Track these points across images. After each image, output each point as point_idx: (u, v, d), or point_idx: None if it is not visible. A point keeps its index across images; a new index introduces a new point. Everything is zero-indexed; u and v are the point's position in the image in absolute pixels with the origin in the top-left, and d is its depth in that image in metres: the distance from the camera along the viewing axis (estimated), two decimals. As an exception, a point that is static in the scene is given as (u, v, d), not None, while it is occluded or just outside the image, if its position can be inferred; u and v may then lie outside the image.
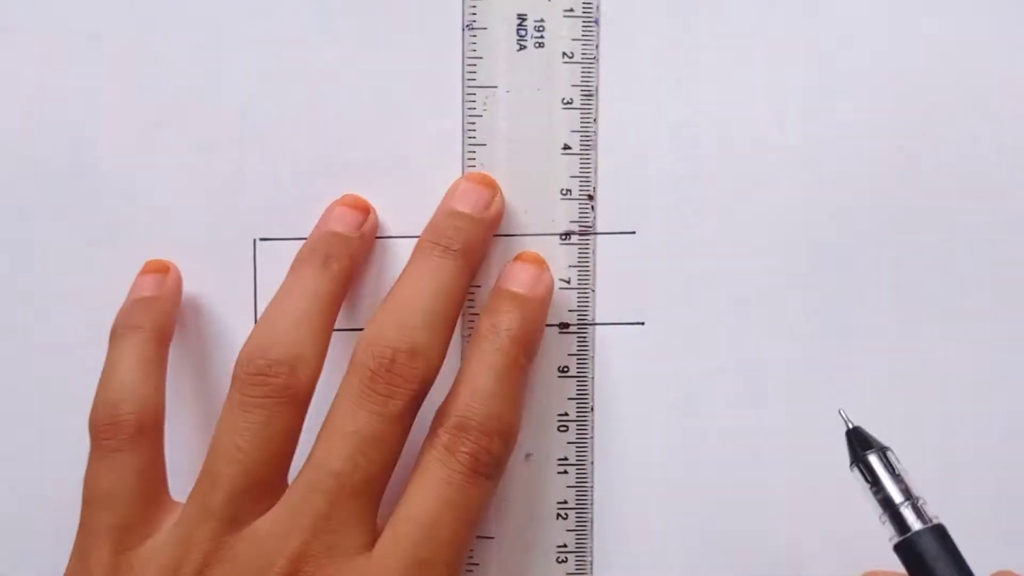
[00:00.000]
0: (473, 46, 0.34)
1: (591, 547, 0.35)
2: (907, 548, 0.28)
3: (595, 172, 0.35)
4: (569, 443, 0.35)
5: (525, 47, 0.34)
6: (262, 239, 0.35)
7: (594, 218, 0.35)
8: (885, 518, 0.29)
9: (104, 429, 0.31)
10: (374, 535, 0.30)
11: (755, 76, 0.34)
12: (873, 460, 0.29)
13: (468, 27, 0.34)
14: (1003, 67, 0.34)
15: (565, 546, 0.35)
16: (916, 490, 0.29)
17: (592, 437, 0.35)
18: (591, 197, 0.35)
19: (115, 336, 0.33)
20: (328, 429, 0.31)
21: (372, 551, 0.30)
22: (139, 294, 0.34)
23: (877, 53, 0.34)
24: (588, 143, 0.35)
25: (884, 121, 0.34)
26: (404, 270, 0.33)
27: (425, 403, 0.32)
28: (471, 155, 0.35)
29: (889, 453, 0.30)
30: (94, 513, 0.31)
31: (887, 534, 0.29)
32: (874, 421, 0.34)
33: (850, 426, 0.30)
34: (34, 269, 0.35)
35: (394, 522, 0.30)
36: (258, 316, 0.35)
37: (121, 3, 0.34)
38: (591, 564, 0.35)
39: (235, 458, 0.30)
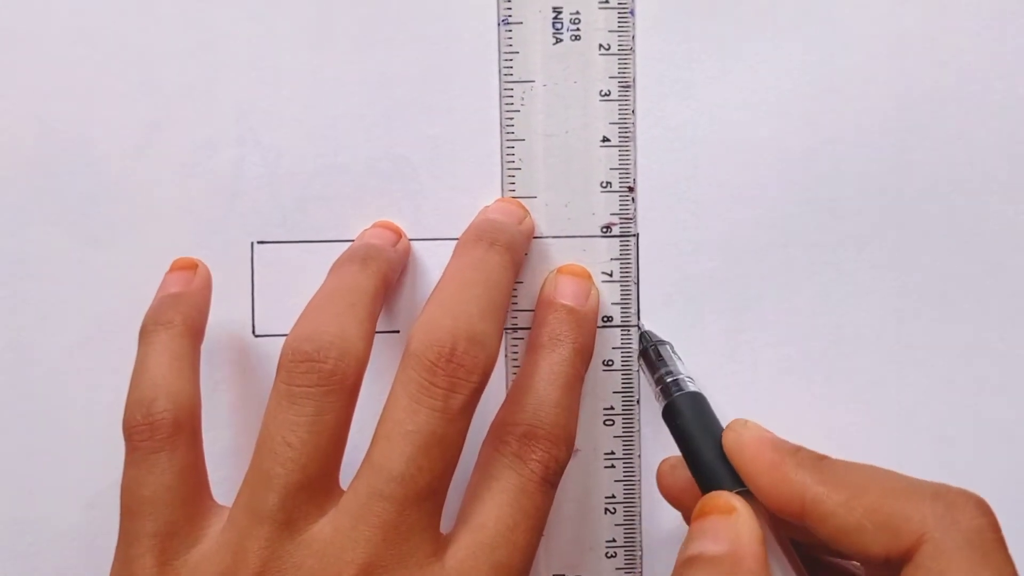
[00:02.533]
0: (509, 41, 0.34)
1: (640, 542, 0.35)
2: (669, 410, 0.31)
3: (634, 164, 0.35)
4: (615, 437, 0.35)
5: (561, 40, 0.34)
6: (260, 242, 0.35)
7: (635, 210, 0.35)
8: (658, 392, 0.32)
9: (140, 430, 0.30)
10: (441, 540, 0.29)
11: (755, 76, 0.34)
12: (651, 350, 0.33)
13: (504, 22, 0.34)
14: (1002, 68, 0.35)
15: (614, 541, 0.35)
16: (683, 371, 0.32)
17: (638, 431, 0.35)
18: (631, 189, 0.35)
19: (145, 333, 0.32)
20: (385, 428, 0.29)
21: (445, 559, 0.29)
22: (168, 290, 0.33)
23: (876, 55, 0.34)
24: (627, 135, 0.34)
25: (883, 124, 0.35)
26: (450, 264, 0.32)
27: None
28: (510, 149, 0.34)
29: (667, 347, 0.33)
30: (135, 520, 0.29)
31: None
32: (872, 423, 0.35)
33: (642, 328, 0.34)
34: (32, 270, 0.35)
35: (470, 529, 0.29)
36: (256, 319, 0.35)
37: (119, 3, 0.34)
38: (640, 558, 0.35)
39: (286, 456, 0.28)
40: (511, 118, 0.34)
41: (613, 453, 0.35)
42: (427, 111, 0.34)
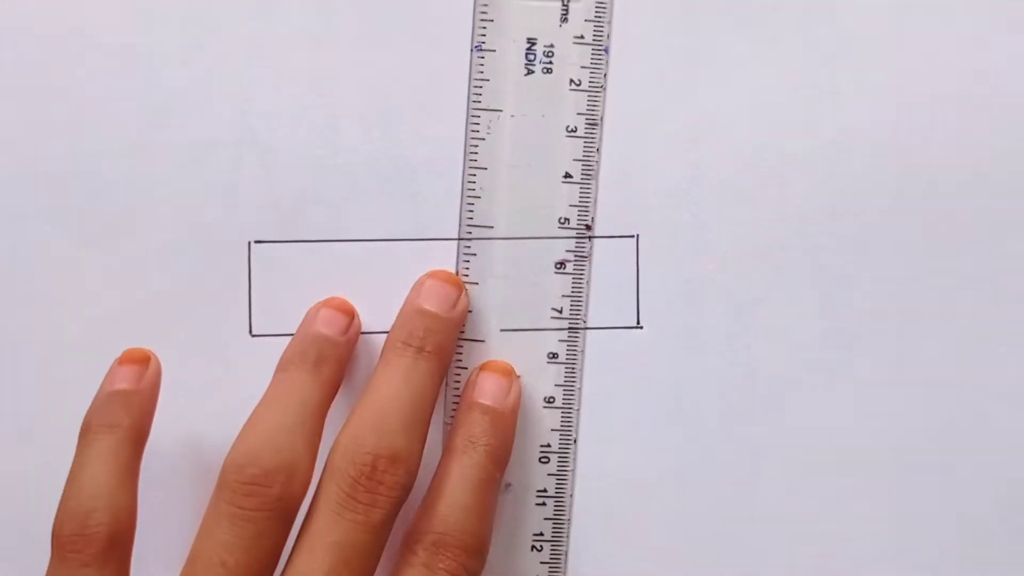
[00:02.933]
0: (481, 68, 0.34)
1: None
2: None
3: (595, 203, 0.34)
4: (549, 475, 0.35)
5: (533, 72, 0.34)
6: (257, 241, 0.34)
7: (591, 248, 0.34)
8: None
9: (71, 541, 0.29)
10: None
11: (756, 79, 0.34)
12: None
13: (477, 48, 0.34)
14: (1003, 70, 0.34)
15: (538, 577, 0.35)
16: None
17: (574, 470, 0.35)
18: (588, 227, 0.34)
19: (87, 433, 0.31)
20: (308, 538, 0.30)
21: None
22: (116, 386, 0.32)
23: (877, 57, 0.34)
24: (589, 172, 0.34)
25: (883, 125, 0.34)
26: (376, 370, 0.32)
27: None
28: (471, 177, 0.34)
29: None
30: None
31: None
32: (872, 426, 0.34)
33: None
34: (28, 270, 0.34)
35: None
36: (253, 319, 0.34)
37: (117, 2, 0.34)
38: (564, 596, 0.35)
39: (219, 575, 0.29)
40: (475, 146, 0.34)
41: (545, 491, 0.35)
42: (426, 113, 0.34)
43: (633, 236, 0.34)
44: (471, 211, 0.34)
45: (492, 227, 0.34)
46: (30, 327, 0.35)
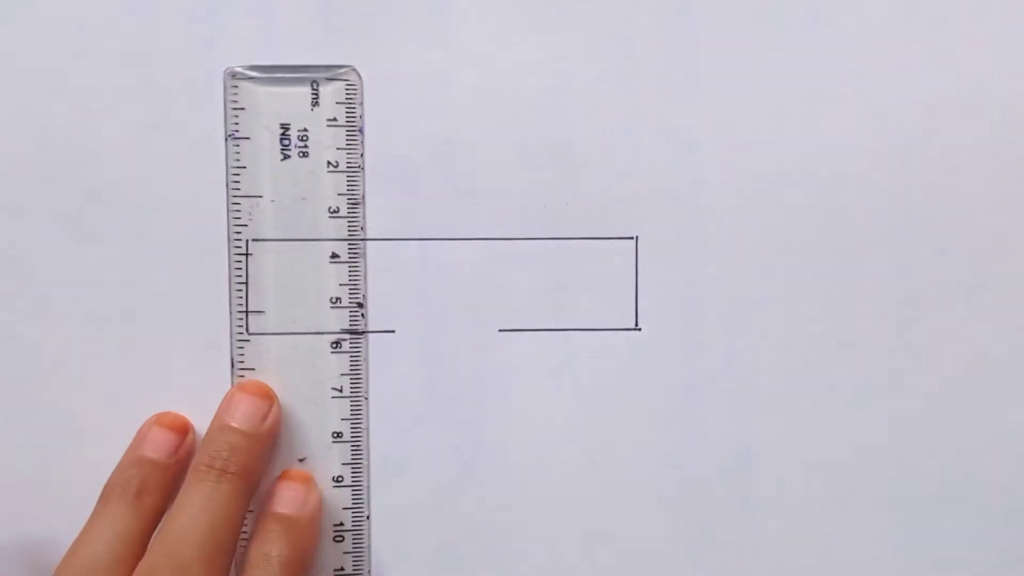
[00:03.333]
0: (237, 155, 0.34)
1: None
2: None
3: (364, 280, 0.34)
4: (345, 553, 0.35)
5: (289, 156, 0.34)
6: (254, 240, 0.34)
7: (365, 324, 0.35)
8: None
9: None
10: None
11: (757, 82, 0.34)
12: None
13: (231, 137, 0.34)
14: (1003, 73, 0.34)
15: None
16: None
17: (368, 546, 0.35)
18: (361, 305, 0.34)
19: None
20: None
21: None
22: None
23: (877, 60, 0.34)
24: (356, 251, 0.34)
25: (884, 128, 0.34)
26: (180, 494, 0.32)
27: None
28: (238, 263, 0.34)
29: None
30: None
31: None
32: (871, 428, 0.35)
33: None
34: (28, 267, 0.34)
35: None
36: (249, 319, 0.34)
37: (115, 1, 0.34)
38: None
39: None
40: (239, 232, 0.34)
41: (343, 569, 0.35)
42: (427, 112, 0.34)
43: (632, 238, 0.35)
44: (240, 297, 0.34)
45: (263, 312, 0.34)
46: (27, 324, 0.34)
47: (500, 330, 0.35)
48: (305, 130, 0.34)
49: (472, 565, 0.35)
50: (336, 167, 0.34)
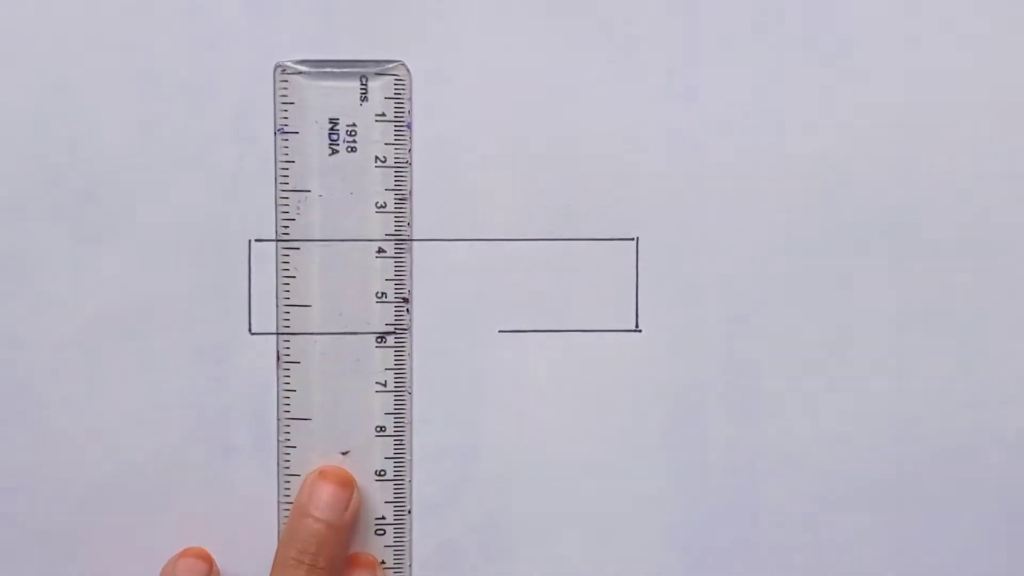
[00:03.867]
0: (286, 150, 0.34)
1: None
2: None
3: (410, 275, 0.34)
4: (387, 547, 0.35)
5: (338, 151, 0.34)
6: (257, 240, 0.34)
7: (411, 320, 0.35)
8: None
9: None
10: None
11: (756, 81, 0.34)
12: None
13: (280, 131, 0.34)
14: (1004, 72, 0.34)
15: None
16: None
17: (410, 540, 0.35)
18: (406, 300, 0.34)
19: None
20: None
21: None
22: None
23: (878, 59, 0.34)
24: (402, 247, 0.34)
25: (885, 127, 0.34)
26: None
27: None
28: (285, 258, 0.34)
29: None
30: None
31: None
32: (873, 430, 0.34)
33: None
34: (26, 266, 0.34)
35: None
36: (252, 317, 0.34)
37: None
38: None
39: None
40: (287, 226, 0.34)
41: (384, 563, 0.35)
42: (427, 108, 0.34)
43: (633, 239, 0.34)
44: (287, 290, 0.34)
45: (310, 305, 0.34)
46: (25, 324, 0.34)
47: (500, 331, 0.34)
48: (354, 125, 0.34)
49: (472, 568, 0.35)
50: (384, 162, 0.34)
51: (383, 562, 0.35)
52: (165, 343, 0.34)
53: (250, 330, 0.34)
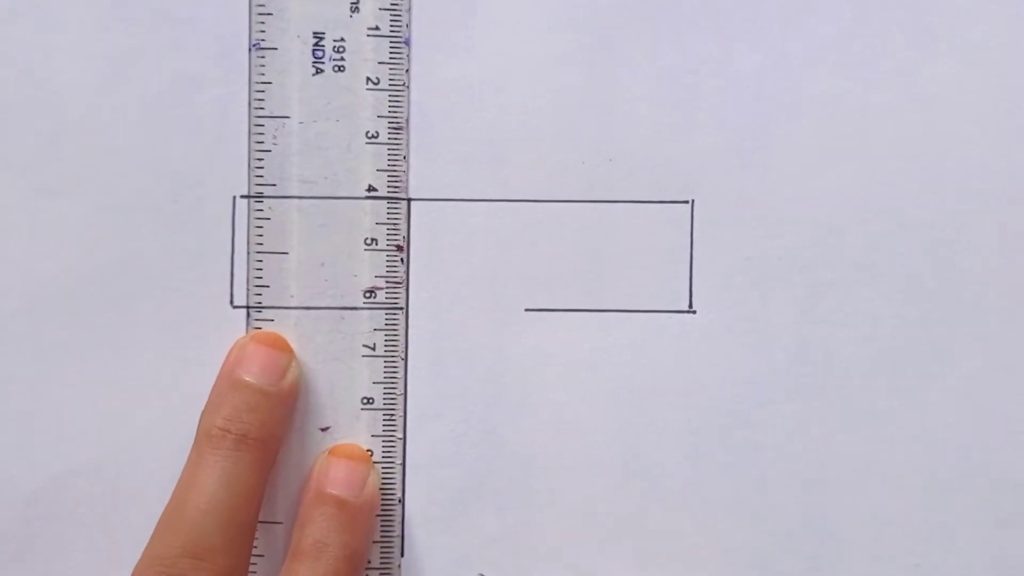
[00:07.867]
0: (261, 69, 0.31)
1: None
2: None
3: (406, 219, 0.31)
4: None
5: (322, 71, 0.31)
6: (243, 196, 0.31)
7: (406, 272, 0.31)
8: None
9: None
10: None
11: (837, 18, 0.31)
12: None
13: (255, 47, 0.31)
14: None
15: None
16: None
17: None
18: (400, 248, 0.31)
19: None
20: None
21: None
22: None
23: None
24: (397, 185, 0.31)
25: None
26: (188, 463, 0.29)
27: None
28: (257, 195, 0.31)
29: None
30: None
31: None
32: (969, 434, 0.31)
33: None
34: None
35: None
36: (235, 287, 0.31)
37: None
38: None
39: None
40: (260, 159, 0.31)
41: (369, 563, 0.31)
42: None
43: (688, 202, 0.31)
44: (260, 238, 0.31)
45: (287, 253, 0.31)
46: None
47: (526, 309, 0.31)
48: (342, 40, 0.31)
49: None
50: (376, 84, 0.31)
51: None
52: (133, 316, 0.31)
53: (231, 303, 0.31)
